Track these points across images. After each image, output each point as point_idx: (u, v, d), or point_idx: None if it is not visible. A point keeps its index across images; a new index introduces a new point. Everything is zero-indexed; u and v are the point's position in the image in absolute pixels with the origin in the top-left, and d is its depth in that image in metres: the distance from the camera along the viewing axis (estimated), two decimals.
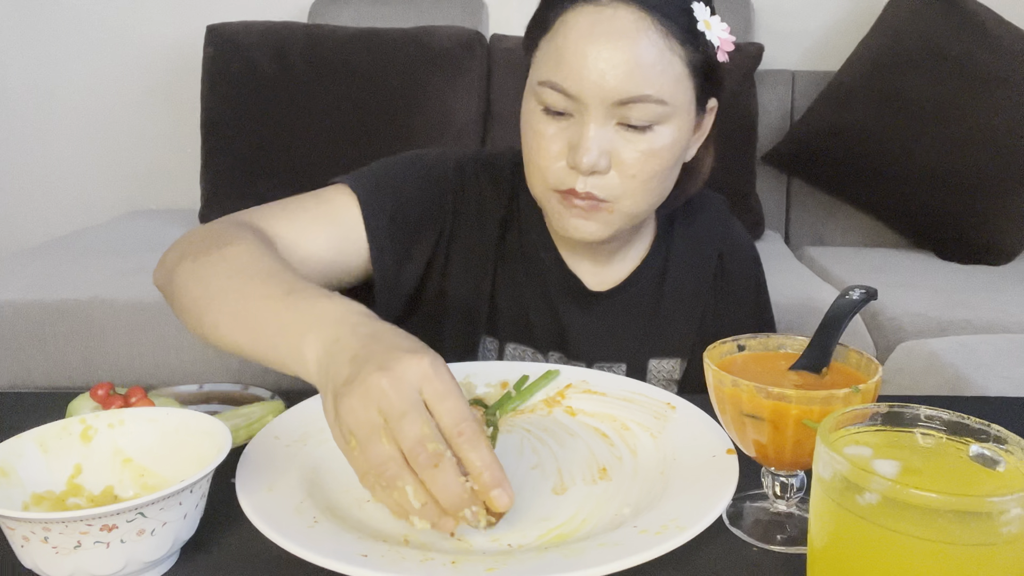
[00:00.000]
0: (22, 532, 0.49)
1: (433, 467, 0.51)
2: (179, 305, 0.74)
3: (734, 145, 2.11)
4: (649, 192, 0.84)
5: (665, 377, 0.97)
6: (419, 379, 0.52)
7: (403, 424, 0.51)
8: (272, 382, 0.87)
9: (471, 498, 0.53)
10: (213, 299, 0.68)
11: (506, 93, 2.19)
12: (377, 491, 0.54)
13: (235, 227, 0.79)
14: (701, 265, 0.99)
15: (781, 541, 0.58)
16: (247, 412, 0.75)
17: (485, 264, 0.94)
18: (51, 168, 2.59)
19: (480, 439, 0.53)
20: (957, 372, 1.33)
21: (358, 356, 0.54)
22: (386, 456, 0.51)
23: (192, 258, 0.73)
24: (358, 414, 0.52)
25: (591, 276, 0.96)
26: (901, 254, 2.19)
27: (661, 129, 0.80)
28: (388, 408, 0.51)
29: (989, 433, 0.48)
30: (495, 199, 0.95)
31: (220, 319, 0.67)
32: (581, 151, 0.79)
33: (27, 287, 1.67)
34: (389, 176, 0.91)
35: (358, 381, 0.52)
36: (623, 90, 0.77)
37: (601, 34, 0.77)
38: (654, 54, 0.77)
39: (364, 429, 0.52)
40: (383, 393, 0.51)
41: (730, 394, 0.58)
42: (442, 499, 0.52)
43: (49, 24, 2.49)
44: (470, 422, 0.52)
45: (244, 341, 0.64)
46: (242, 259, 0.70)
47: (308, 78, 2.10)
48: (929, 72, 2.07)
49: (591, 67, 0.77)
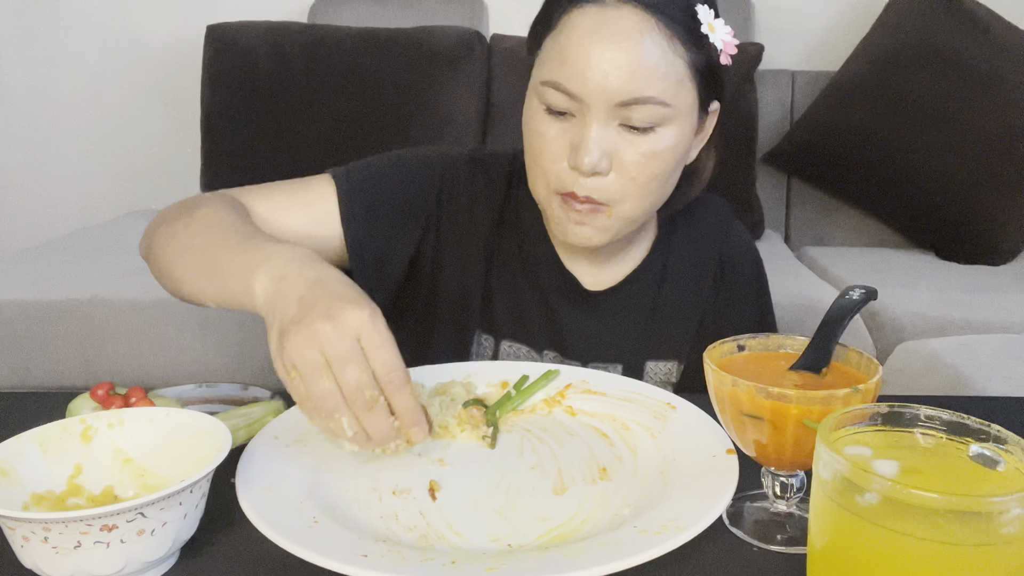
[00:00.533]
0: (22, 532, 0.49)
1: (368, 410, 0.59)
2: (157, 268, 0.81)
3: (734, 145, 2.10)
4: (648, 195, 0.84)
5: (662, 380, 0.97)
6: (359, 328, 0.59)
7: (345, 370, 0.58)
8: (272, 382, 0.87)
9: (395, 433, 0.62)
10: (181, 255, 0.76)
11: (506, 93, 2.19)
12: (314, 417, 0.61)
13: (210, 195, 0.85)
14: (701, 268, 0.99)
15: (781, 541, 0.58)
16: (247, 412, 0.75)
17: (477, 261, 0.95)
18: (51, 168, 2.59)
19: (405, 386, 0.61)
20: (957, 372, 1.33)
21: (304, 298, 0.61)
22: (327, 391, 0.59)
23: (167, 224, 0.81)
24: (303, 352, 0.58)
25: (589, 276, 0.96)
26: (901, 254, 2.19)
27: (663, 131, 0.80)
28: (332, 353, 0.58)
29: (989, 433, 0.48)
30: (488, 196, 0.96)
31: (186, 271, 0.75)
32: (583, 152, 0.79)
33: (27, 287, 1.67)
34: (373, 169, 0.93)
35: (304, 323, 0.59)
36: (626, 91, 0.77)
37: (605, 35, 0.77)
38: (657, 56, 0.77)
39: (308, 367, 0.58)
40: (327, 338, 0.58)
41: (730, 394, 0.58)
42: (373, 435, 0.61)
43: (49, 24, 2.49)
44: (398, 372, 0.60)
45: (205, 285, 0.72)
46: (208, 219, 0.77)
47: (308, 78, 2.10)
48: (929, 72, 2.07)
49: (594, 67, 0.77)
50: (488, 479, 0.66)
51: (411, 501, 0.62)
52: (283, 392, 0.81)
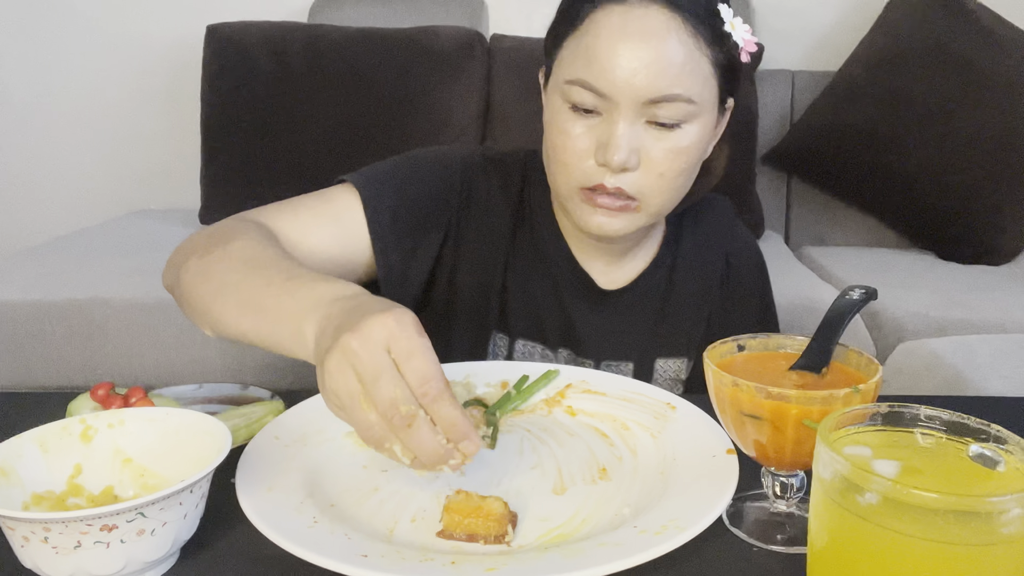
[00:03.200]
0: (22, 532, 0.49)
1: (407, 428, 0.54)
2: (188, 303, 0.76)
3: (734, 145, 2.09)
4: (675, 190, 0.85)
5: (671, 377, 0.97)
6: (386, 338, 0.55)
7: (376, 389, 0.54)
8: (272, 382, 0.87)
9: (448, 451, 0.56)
10: (218, 292, 0.71)
11: (506, 93, 2.19)
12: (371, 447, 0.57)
13: (238, 224, 0.80)
14: (709, 266, 0.99)
15: (781, 541, 0.58)
16: (247, 412, 0.75)
17: (495, 262, 0.95)
18: (51, 168, 2.59)
19: (444, 396, 0.55)
20: (957, 372, 1.33)
21: (341, 326, 0.57)
22: (370, 423, 0.55)
23: (198, 256, 0.75)
24: (336, 379, 0.55)
25: (602, 275, 0.96)
26: (901, 254, 2.19)
27: (688, 127, 0.82)
28: (362, 370, 0.54)
29: (989, 433, 0.48)
30: (504, 197, 0.96)
31: (225, 310, 0.69)
32: (612, 149, 0.79)
33: (27, 287, 1.67)
34: (393, 174, 0.92)
35: (334, 346, 0.55)
36: (654, 89, 0.78)
37: (632, 33, 0.78)
38: (683, 54, 0.79)
39: (346, 398, 0.55)
40: (354, 353, 0.54)
41: (730, 394, 0.58)
42: (420, 456, 0.55)
43: (49, 24, 2.49)
44: (433, 381, 0.55)
45: (248, 328, 0.67)
46: (244, 253, 0.73)
47: (308, 78, 2.10)
48: (929, 72, 2.07)
49: (623, 66, 0.78)
50: (488, 479, 0.65)
51: (411, 501, 0.62)
52: (283, 392, 0.81)
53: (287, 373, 1.61)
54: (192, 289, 0.74)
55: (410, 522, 0.59)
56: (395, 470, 0.66)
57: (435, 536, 0.57)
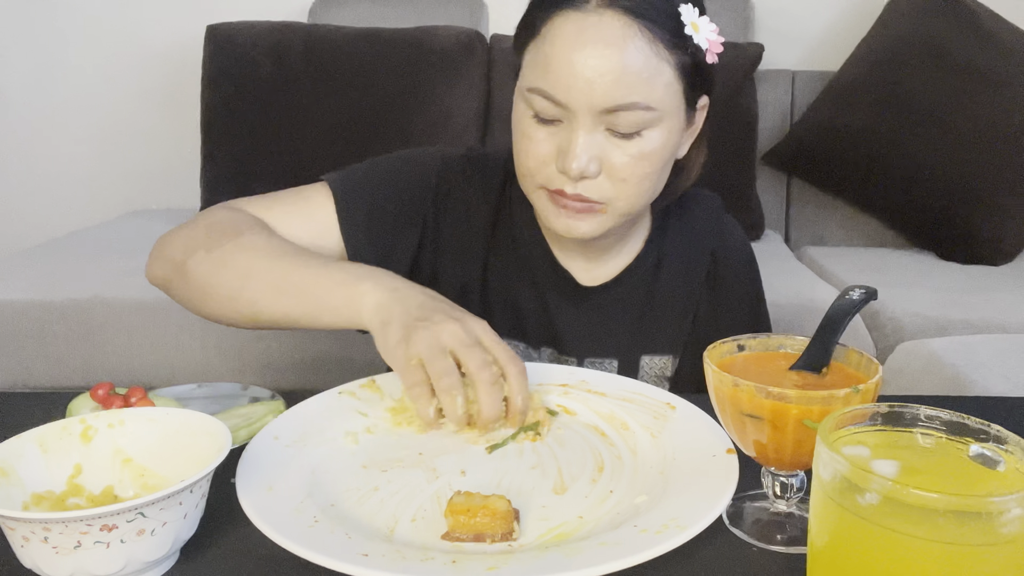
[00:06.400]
0: (22, 532, 0.49)
1: (492, 383, 0.68)
2: (199, 293, 0.81)
3: (734, 145, 2.10)
4: (641, 194, 0.84)
5: (657, 374, 0.97)
6: (480, 331, 0.71)
7: (473, 351, 0.68)
8: (272, 382, 0.87)
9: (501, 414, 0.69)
10: (247, 278, 0.78)
11: (506, 93, 2.18)
12: (419, 401, 0.69)
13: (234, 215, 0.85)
14: (694, 263, 0.99)
15: (781, 541, 0.58)
16: (247, 412, 0.75)
17: (475, 260, 0.95)
18: (51, 168, 2.59)
19: (524, 374, 0.71)
20: (957, 372, 1.33)
21: (426, 305, 0.71)
22: (448, 368, 0.67)
23: (206, 249, 0.80)
24: (429, 341, 0.68)
25: (583, 272, 0.96)
26: (901, 254, 2.19)
27: (649, 134, 0.81)
28: (458, 342, 0.68)
29: (989, 433, 0.48)
30: (483, 196, 0.96)
31: (258, 294, 0.77)
32: (570, 158, 0.79)
33: (27, 287, 1.67)
34: (369, 174, 0.93)
35: (434, 321, 0.69)
36: (611, 98, 0.77)
37: (588, 41, 0.77)
38: (641, 61, 0.77)
39: (433, 351, 0.67)
40: (455, 333, 0.68)
41: (730, 394, 0.58)
42: (487, 410, 0.68)
43: (49, 24, 2.49)
44: (518, 360, 0.71)
45: (290, 305, 0.76)
46: (260, 243, 0.80)
47: (308, 78, 2.10)
48: (929, 72, 2.07)
49: (578, 75, 0.77)
50: (488, 479, 0.65)
51: (412, 501, 0.62)
52: (283, 392, 0.81)
53: (287, 373, 1.61)
54: (210, 278, 0.79)
55: (410, 522, 0.59)
56: (395, 470, 0.67)
57: (439, 539, 0.57)
